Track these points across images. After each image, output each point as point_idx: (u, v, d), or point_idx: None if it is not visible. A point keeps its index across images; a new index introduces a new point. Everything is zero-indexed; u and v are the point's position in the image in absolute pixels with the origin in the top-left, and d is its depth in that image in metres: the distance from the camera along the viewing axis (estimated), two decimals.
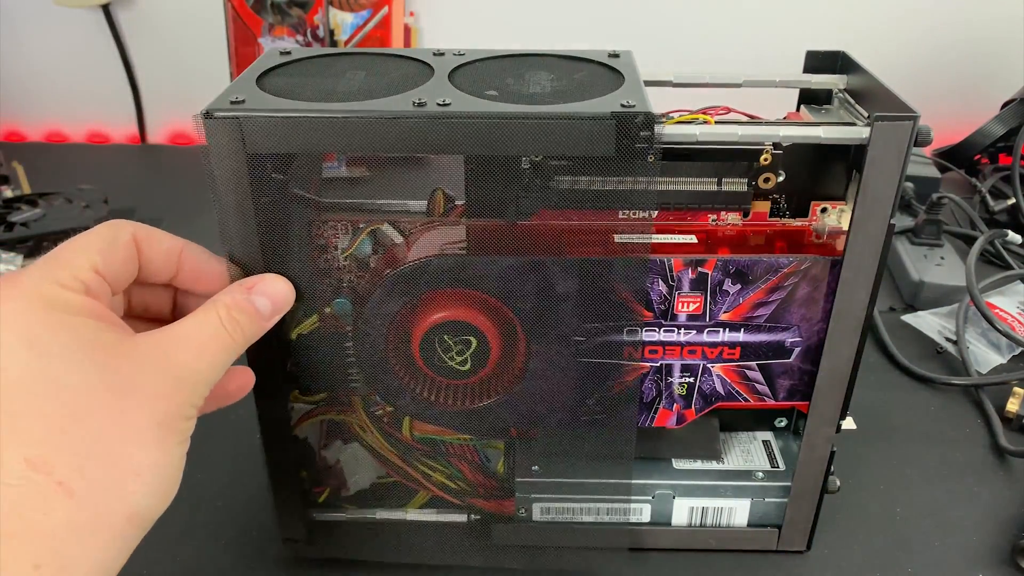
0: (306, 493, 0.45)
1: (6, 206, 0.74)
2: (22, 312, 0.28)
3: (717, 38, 0.94)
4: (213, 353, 0.32)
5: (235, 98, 0.35)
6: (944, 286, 0.67)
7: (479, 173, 0.38)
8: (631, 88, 0.37)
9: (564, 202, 0.39)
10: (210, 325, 0.32)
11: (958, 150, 0.86)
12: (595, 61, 0.41)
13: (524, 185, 0.38)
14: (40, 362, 0.27)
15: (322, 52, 0.42)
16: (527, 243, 0.39)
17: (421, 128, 0.34)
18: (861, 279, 0.38)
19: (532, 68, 0.40)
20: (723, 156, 0.39)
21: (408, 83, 0.37)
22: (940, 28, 0.92)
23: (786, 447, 0.46)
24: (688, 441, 0.46)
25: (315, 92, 0.37)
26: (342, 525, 0.46)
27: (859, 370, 0.40)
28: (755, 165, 0.39)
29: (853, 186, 0.39)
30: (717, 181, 0.39)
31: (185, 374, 0.30)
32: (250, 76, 0.38)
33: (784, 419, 0.47)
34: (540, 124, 0.34)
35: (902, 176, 0.35)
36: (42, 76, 1.00)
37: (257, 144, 0.34)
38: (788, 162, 0.39)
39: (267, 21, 0.79)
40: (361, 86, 0.38)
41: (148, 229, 0.34)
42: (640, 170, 0.37)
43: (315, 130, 0.34)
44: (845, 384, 0.40)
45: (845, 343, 0.39)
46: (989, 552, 0.46)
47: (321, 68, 0.40)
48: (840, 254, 0.38)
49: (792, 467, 0.44)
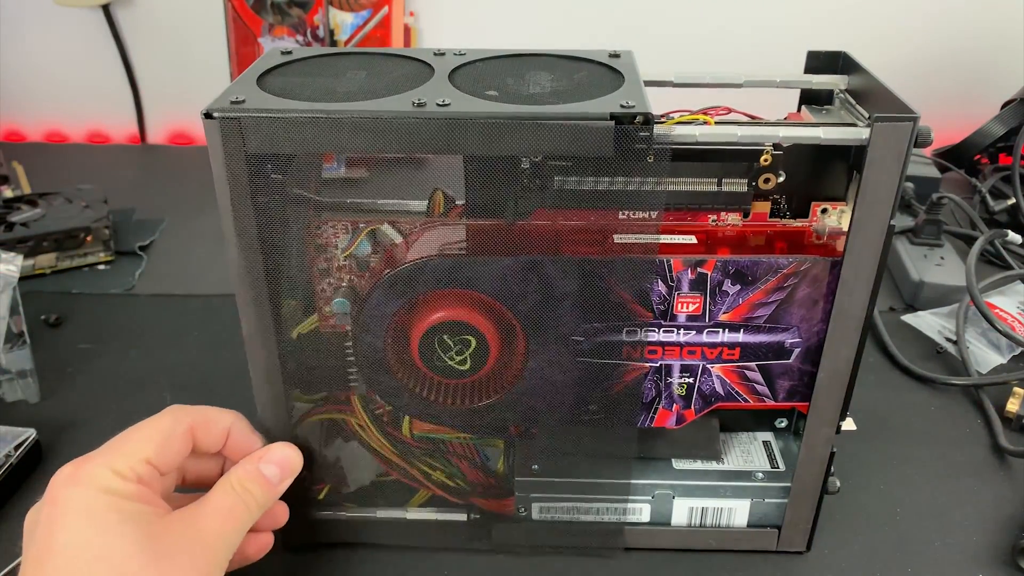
0: (306, 491, 0.45)
1: (6, 206, 0.74)
2: (84, 496, 0.34)
3: (719, 38, 0.94)
4: (233, 521, 0.37)
5: (235, 98, 0.35)
6: (944, 286, 0.67)
7: (478, 173, 0.38)
8: (631, 88, 0.37)
9: (563, 202, 0.39)
10: (228, 497, 0.38)
11: (958, 150, 0.86)
12: (595, 61, 0.41)
13: (523, 185, 0.38)
14: (97, 535, 0.33)
15: (323, 52, 0.42)
16: (525, 243, 0.39)
17: (420, 128, 0.34)
18: (861, 280, 0.38)
19: (532, 68, 0.40)
20: (723, 156, 0.39)
21: (409, 83, 0.37)
22: (941, 28, 0.92)
23: (786, 447, 0.46)
24: (688, 441, 0.45)
25: (316, 92, 0.37)
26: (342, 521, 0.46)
27: (859, 370, 0.40)
28: (755, 165, 0.39)
29: (853, 187, 0.39)
30: (717, 181, 0.39)
31: (211, 540, 0.36)
32: (250, 76, 0.38)
33: (784, 420, 0.47)
34: (539, 125, 0.34)
35: (902, 177, 0.35)
36: (42, 76, 1.00)
37: (257, 144, 0.34)
38: (788, 163, 0.39)
39: (267, 21, 0.79)
40: (362, 86, 0.37)
41: (204, 415, 0.40)
42: (640, 170, 0.37)
43: (315, 129, 0.34)
44: (845, 385, 0.40)
45: (845, 344, 0.39)
46: (989, 552, 0.46)
47: (322, 68, 0.40)
48: (840, 255, 0.38)
49: (792, 467, 0.44)
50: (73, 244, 0.72)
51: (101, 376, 0.59)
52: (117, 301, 0.68)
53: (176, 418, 0.39)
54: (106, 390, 0.58)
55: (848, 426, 0.42)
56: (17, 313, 0.57)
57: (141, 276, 0.72)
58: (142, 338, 0.64)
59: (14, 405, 0.57)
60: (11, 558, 0.45)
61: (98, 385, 0.59)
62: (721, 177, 0.39)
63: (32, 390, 0.57)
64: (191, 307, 0.67)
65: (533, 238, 0.39)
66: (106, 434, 0.36)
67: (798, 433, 0.45)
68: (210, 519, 0.37)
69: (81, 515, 0.34)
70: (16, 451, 0.50)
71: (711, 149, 0.38)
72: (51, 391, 0.58)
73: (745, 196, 0.40)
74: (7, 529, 0.47)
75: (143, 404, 0.57)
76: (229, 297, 0.39)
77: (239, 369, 0.60)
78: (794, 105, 0.45)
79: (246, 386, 0.58)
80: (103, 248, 0.73)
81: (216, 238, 0.36)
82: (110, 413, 0.56)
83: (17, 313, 0.57)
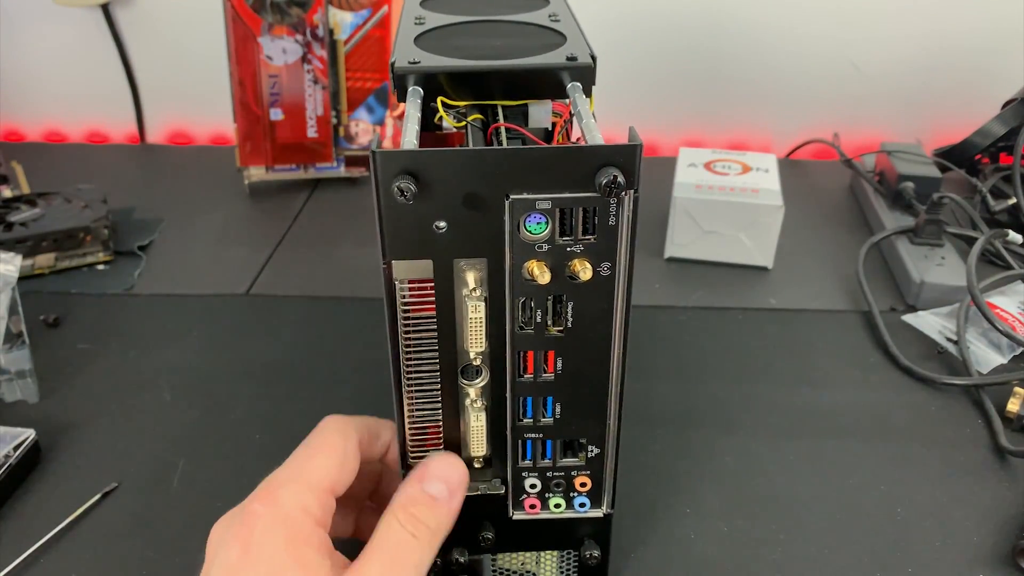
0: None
1: (5, 206, 0.74)
2: (276, 543, 0.31)
3: (718, 37, 0.94)
4: (405, 563, 0.32)
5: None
6: (945, 286, 0.67)
7: None
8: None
9: None
10: (393, 534, 0.32)
11: (959, 150, 0.86)
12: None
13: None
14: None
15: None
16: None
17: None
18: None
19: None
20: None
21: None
22: (941, 28, 0.92)
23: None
24: None
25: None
26: None
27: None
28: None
29: None
30: None
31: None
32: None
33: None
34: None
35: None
36: (41, 75, 1.00)
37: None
38: None
39: (267, 20, 0.79)
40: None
41: (367, 426, 0.36)
42: None
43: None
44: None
45: None
46: (989, 552, 0.46)
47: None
48: None
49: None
50: (72, 244, 0.72)
51: (100, 376, 0.59)
52: (116, 301, 0.68)
53: (345, 434, 0.35)
54: (105, 390, 0.58)
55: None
56: (16, 313, 0.57)
57: (140, 276, 0.72)
58: (142, 338, 0.64)
59: (13, 405, 0.56)
60: (11, 558, 0.45)
61: (97, 385, 0.59)
62: None
63: (31, 390, 0.57)
64: (191, 307, 0.67)
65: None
66: (106, 434, 0.35)
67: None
68: (380, 570, 0.31)
69: (280, 549, 0.31)
70: (15, 451, 0.50)
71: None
72: (50, 391, 0.58)
73: None
74: (7, 529, 0.47)
75: (143, 404, 0.57)
76: (229, 297, 0.39)
77: (239, 369, 0.60)
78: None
79: (246, 386, 0.58)
80: (102, 248, 0.73)
81: (216, 238, 0.36)
82: (110, 413, 0.56)
83: (16, 313, 0.57)
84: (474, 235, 0.33)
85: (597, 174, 0.31)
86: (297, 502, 0.32)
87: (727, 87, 0.96)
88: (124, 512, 0.48)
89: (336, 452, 0.34)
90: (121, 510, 0.48)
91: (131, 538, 0.47)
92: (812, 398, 0.58)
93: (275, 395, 0.57)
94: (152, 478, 0.51)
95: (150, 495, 0.49)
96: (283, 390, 0.58)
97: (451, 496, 0.34)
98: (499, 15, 0.42)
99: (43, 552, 0.46)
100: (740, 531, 0.47)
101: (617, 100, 0.93)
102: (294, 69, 0.82)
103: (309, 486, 0.33)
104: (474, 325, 0.34)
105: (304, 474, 0.33)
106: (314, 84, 0.83)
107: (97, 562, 0.45)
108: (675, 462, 0.52)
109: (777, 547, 0.47)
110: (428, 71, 0.35)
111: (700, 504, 0.49)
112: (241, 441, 0.53)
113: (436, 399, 0.36)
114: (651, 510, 0.49)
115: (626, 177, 0.31)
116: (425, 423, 0.36)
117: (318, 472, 0.33)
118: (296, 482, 0.33)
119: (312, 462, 0.34)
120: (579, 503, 0.39)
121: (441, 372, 0.35)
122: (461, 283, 0.34)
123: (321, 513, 0.33)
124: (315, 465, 0.34)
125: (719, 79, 0.96)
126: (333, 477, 0.34)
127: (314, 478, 0.33)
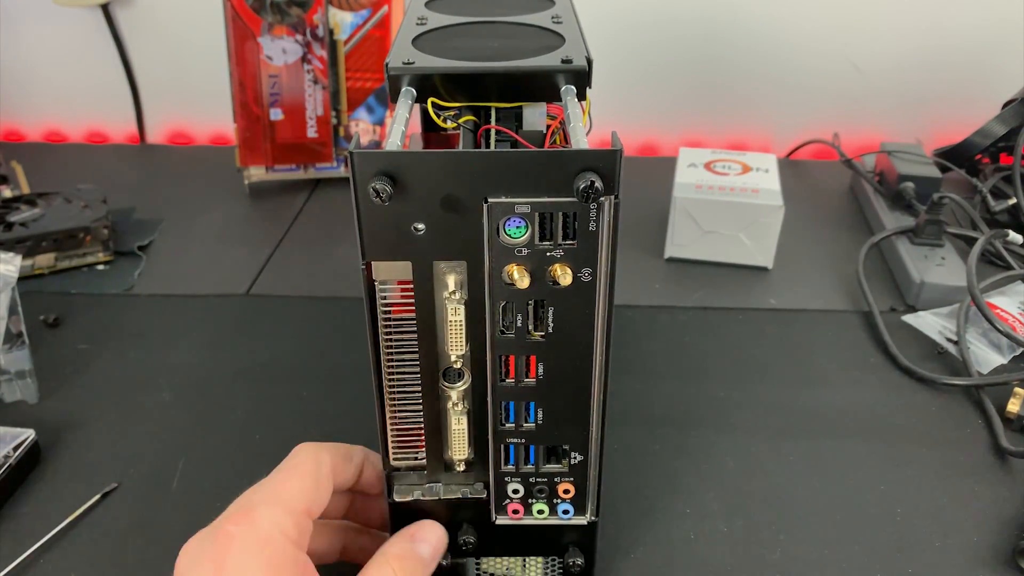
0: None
1: (5, 206, 0.74)
2: (254, 565, 0.31)
3: (719, 37, 0.94)
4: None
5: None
6: (945, 286, 0.67)
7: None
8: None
9: None
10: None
11: (959, 150, 0.86)
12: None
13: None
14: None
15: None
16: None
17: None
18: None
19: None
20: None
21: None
22: (941, 28, 0.92)
23: None
24: None
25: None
26: None
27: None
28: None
29: None
30: None
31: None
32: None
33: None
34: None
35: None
36: (41, 75, 1.00)
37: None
38: None
39: (267, 20, 0.79)
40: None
41: (339, 453, 0.37)
42: None
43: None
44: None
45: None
46: (989, 553, 0.46)
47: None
48: None
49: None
50: (72, 244, 0.72)
51: (100, 376, 0.59)
52: (116, 301, 0.68)
53: (317, 459, 0.36)
54: (105, 390, 0.58)
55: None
56: (16, 313, 0.57)
57: (140, 276, 0.72)
58: (141, 338, 0.64)
59: (13, 405, 0.56)
60: (11, 558, 0.45)
61: (97, 385, 0.59)
62: None
63: (31, 390, 0.57)
64: (191, 307, 0.67)
65: None
66: (106, 434, 0.35)
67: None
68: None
69: (259, 572, 0.31)
70: (15, 451, 0.50)
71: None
72: (50, 391, 0.58)
73: None
74: (7, 529, 0.47)
75: (142, 404, 0.57)
76: (229, 297, 0.39)
77: (239, 369, 0.60)
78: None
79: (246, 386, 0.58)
80: (102, 248, 0.73)
81: (216, 238, 0.36)
82: (109, 413, 0.56)
83: (16, 313, 0.57)
84: (453, 238, 0.32)
85: (576, 179, 0.31)
86: (274, 523, 0.32)
87: (727, 87, 0.96)
88: (124, 512, 0.48)
89: (310, 475, 0.35)
90: (121, 510, 0.48)
91: (131, 538, 0.47)
92: (812, 398, 0.58)
93: (275, 395, 0.57)
94: (152, 478, 0.51)
95: (150, 495, 0.49)
96: (283, 390, 0.58)
97: (432, 559, 0.38)
98: (501, 16, 0.42)
99: (43, 552, 0.46)
100: (740, 531, 0.47)
101: (617, 100, 0.93)
102: (294, 69, 0.82)
103: (286, 508, 0.33)
104: (454, 328, 0.34)
105: (280, 496, 0.34)
106: (314, 84, 0.83)
107: (97, 562, 0.45)
108: (675, 462, 0.52)
109: (777, 547, 0.47)
110: (422, 72, 0.35)
111: (700, 504, 0.49)
112: (241, 441, 0.53)
113: (417, 401, 0.36)
114: (651, 510, 0.49)
115: (605, 183, 0.30)
116: (407, 425, 0.37)
117: (294, 494, 0.34)
118: (272, 504, 0.33)
119: (287, 484, 0.34)
120: (563, 510, 0.39)
121: (422, 374, 0.35)
122: (441, 285, 0.34)
123: (298, 535, 0.33)
124: (291, 487, 0.34)
125: (719, 79, 0.96)
126: (309, 499, 0.34)
127: (290, 500, 0.34)
